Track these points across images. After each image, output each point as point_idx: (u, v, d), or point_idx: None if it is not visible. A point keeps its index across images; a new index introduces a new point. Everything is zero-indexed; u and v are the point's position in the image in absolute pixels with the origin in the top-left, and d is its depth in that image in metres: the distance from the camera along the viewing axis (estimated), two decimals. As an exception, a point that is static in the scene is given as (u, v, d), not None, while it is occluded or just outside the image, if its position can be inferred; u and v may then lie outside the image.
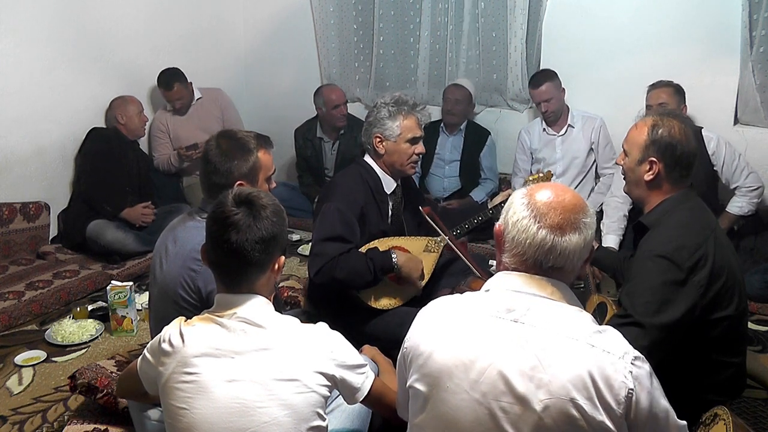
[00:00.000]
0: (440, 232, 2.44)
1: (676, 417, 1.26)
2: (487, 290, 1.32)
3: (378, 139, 2.42)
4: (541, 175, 2.72)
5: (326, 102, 4.09)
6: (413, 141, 2.41)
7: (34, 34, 3.58)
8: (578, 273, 1.33)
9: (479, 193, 4.06)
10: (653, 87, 3.26)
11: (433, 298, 1.41)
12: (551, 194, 1.28)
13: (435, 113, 4.22)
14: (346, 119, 4.14)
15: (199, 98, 4.31)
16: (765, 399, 2.27)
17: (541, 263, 1.26)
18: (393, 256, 2.29)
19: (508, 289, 1.28)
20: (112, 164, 3.71)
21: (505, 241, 1.31)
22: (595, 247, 1.80)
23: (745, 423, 1.51)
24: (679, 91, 3.23)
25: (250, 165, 1.93)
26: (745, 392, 2.04)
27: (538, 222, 1.25)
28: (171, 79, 4.08)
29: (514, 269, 1.30)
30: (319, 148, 4.28)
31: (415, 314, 1.39)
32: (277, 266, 1.48)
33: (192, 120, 4.25)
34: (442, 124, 4.15)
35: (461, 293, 2.13)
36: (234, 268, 1.44)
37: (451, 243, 2.45)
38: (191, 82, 4.21)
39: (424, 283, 2.44)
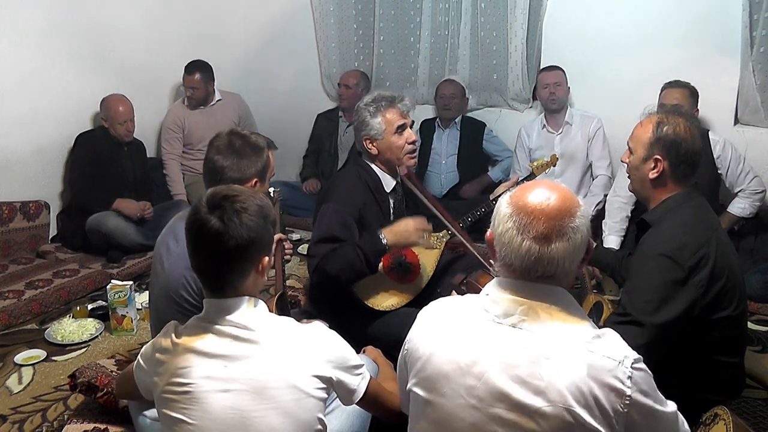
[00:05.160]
0: (440, 217, 2.41)
1: (678, 414, 1.25)
2: (487, 294, 1.30)
3: (368, 141, 2.41)
4: (546, 160, 2.67)
5: (340, 80, 4.41)
6: (400, 130, 2.39)
7: (35, 34, 3.58)
8: (575, 274, 1.30)
9: (497, 171, 4.11)
10: (668, 85, 3.24)
11: (436, 297, 1.39)
12: (535, 201, 1.22)
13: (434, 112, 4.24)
14: (348, 103, 4.25)
15: (219, 100, 4.36)
16: (765, 399, 2.27)
17: (530, 272, 1.23)
18: (381, 235, 2.23)
19: (506, 294, 1.26)
20: (101, 168, 3.64)
21: (495, 250, 1.28)
22: (593, 246, 1.79)
23: (745, 423, 1.51)
24: (693, 94, 3.21)
25: (263, 163, 2.01)
26: (745, 392, 2.04)
27: (522, 234, 1.21)
28: (195, 68, 4.16)
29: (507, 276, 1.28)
30: (335, 123, 4.42)
31: (416, 315, 1.38)
32: (261, 267, 1.42)
33: (207, 119, 4.28)
34: (437, 121, 4.19)
35: (470, 286, 2.11)
36: (215, 275, 1.40)
37: (451, 226, 2.42)
38: (214, 85, 4.29)
39: (426, 279, 2.43)
